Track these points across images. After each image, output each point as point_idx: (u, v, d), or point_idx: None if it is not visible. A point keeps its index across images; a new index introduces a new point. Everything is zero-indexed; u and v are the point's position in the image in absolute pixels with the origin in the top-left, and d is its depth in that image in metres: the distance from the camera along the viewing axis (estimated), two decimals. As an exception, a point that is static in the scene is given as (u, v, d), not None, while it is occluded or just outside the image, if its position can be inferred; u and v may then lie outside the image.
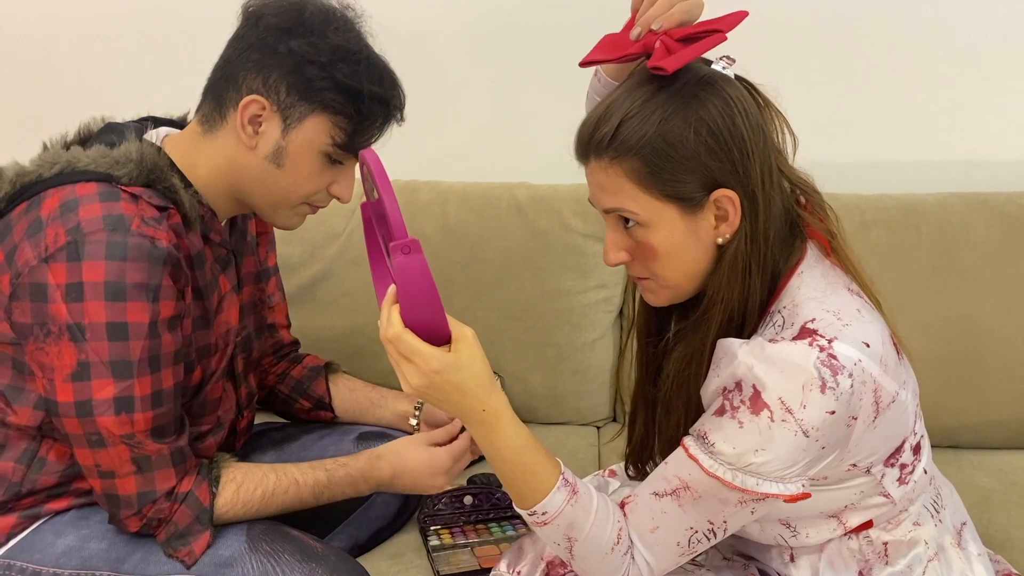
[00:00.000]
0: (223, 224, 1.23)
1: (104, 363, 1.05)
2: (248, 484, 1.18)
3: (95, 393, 1.06)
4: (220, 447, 1.29)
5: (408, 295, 0.91)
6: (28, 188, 1.11)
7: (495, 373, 1.00)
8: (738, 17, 0.99)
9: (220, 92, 1.15)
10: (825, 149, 1.07)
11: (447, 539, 1.39)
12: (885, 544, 1.06)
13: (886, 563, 1.06)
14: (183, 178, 1.15)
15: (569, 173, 1.54)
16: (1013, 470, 1.60)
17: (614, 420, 1.82)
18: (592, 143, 0.99)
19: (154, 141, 1.19)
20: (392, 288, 0.94)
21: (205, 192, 1.18)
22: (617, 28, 1.16)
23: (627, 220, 1.01)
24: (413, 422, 1.48)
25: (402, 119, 1.19)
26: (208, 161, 1.16)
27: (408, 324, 0.92)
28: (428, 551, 1.37)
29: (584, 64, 1.05)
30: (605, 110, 0.99)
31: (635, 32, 1.03)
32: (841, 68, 1.85)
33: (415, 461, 1.28)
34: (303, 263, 1.75)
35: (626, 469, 1.23)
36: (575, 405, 1.78)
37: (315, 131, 1.13)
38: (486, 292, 1.74)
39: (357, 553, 1.35)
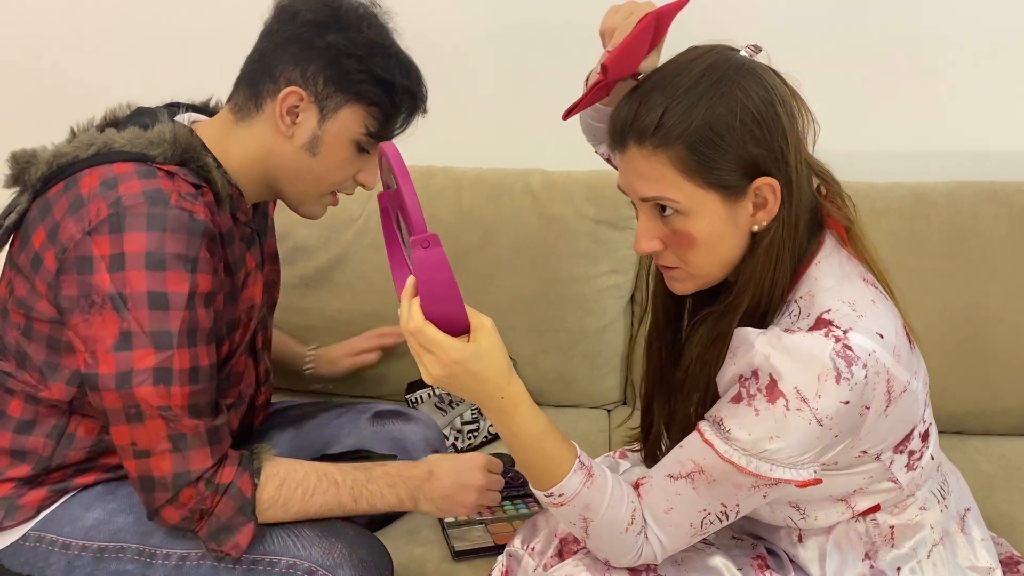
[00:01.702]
0: (248, 205, 1.26)
1: (145, 332, 1.08)
2: (291, 481, 1.17)
3: (136, 363, 1.08)
4: (241, 422, 1.31)
5: (428, 288, 0.92)
6: (64, 169, 1.14)
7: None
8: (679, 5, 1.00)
9: (256, 83, 1.19)
10: (836, 138, 1.08)
11: (462, 516, 1.41)
12: (892, 528, 1.08)
13: (892, 546, 1.08)
14: (214, 159, 1.18)
15: (582, 160, 1.56)
16: (1017, 456, 1.62)
17: (624, 403, 1.84)
18: (633, 130, 0.98)
19: (184, 124, 1.21)
20: (411, 280, 0.95)
21: (236, 178, 1.20)
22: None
23: (663, 208, 1.00)
24: (307, 349, 1.63)
25: (425, 111, 1.24)
26: (241, 148, 1.20)
27: (428, 316, 0.93)
28: (443, 527, 1.39)
29: (567, 116, 1.04)
30: (645, 97, 0.98)
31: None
32: (853, 58, 1.85)
33: (450, 462, 1.28)
34: (320, 247, 1.77)
35: (644, 460, 1.24)
36: (586, 389, 1.79)
37: (350, 121, 1.18)
38: (499, 277, 1.76)
39: (373, 529, 1.37)
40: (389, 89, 1.18)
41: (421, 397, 1.70)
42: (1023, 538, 1.39)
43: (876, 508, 1.07)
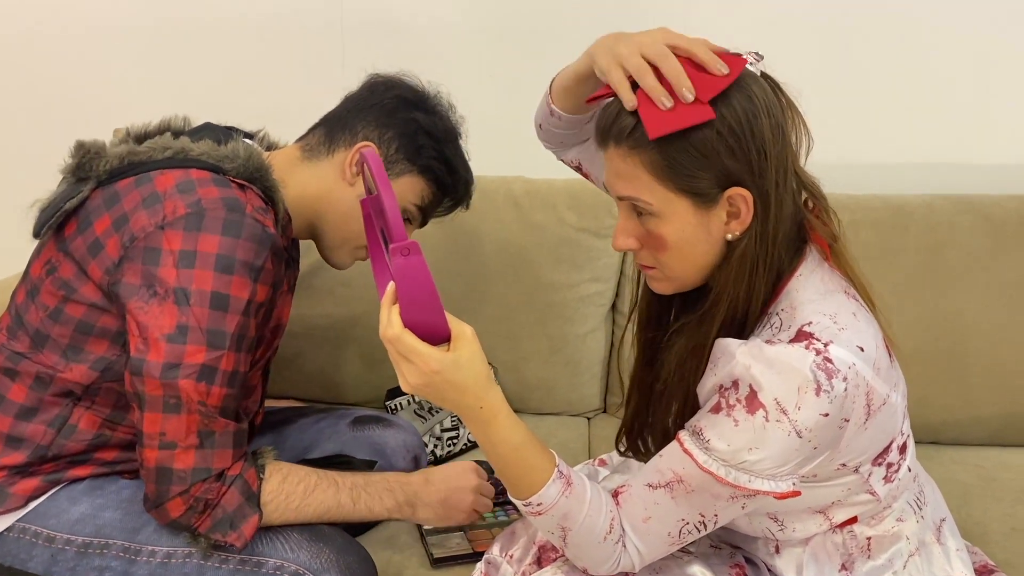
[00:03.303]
0: (292, 233, 1.31)
1: (202, 329, 1.10)
2: (293, 477, 1.19)
3: (186, 357, 1.10)
4: None
5: (408, 296, 0.91)
6: (136, 166, 1.18)
7: (488, 364, 1.01)
8: (737, 67, 0.97)
9: (333, 131, 1.30)
10: (816, 149, 1.09)
11: (457, 523, 1.40)
12: (868, 539, 1.08)
13: (868, 557, 1.08)
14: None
15: (565, 168, 1.56)
16: (991, 466, 1.64)
17: (604, 412, 1.85)
18: (613, 130, 0.99)
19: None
20: (391, 287, 0.94)
21: (287, 207, 1.26)
22: (613, 24, 1.17)
23: (640, 210, 1.01)
24: None
25: (468, 207, 1.40)
26: (301, 183, 1.28)
27: (407, 324, 0.93)
28: (422, 535, 1.39)
29: (591, 100, 1.03)
30: None
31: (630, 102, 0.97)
32: (832, 70, 1.87)
33: (445, 469, 1.32)
34: (302, 252, 1.75)
35: (616, 444, 1.24)
36: (567, 396, 1.80)
37: (407, 188, 1.31)
38: (481, 284, 1.76)
39: (352, 534, 1.36)
40: (452, 172, 1.32)
41: (400, 404, 1.70)
42: (997, 547, 1.41)
43: (853, 520, 1.08)
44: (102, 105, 1.98)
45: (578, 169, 1.35)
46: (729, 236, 1.01)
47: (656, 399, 1.12)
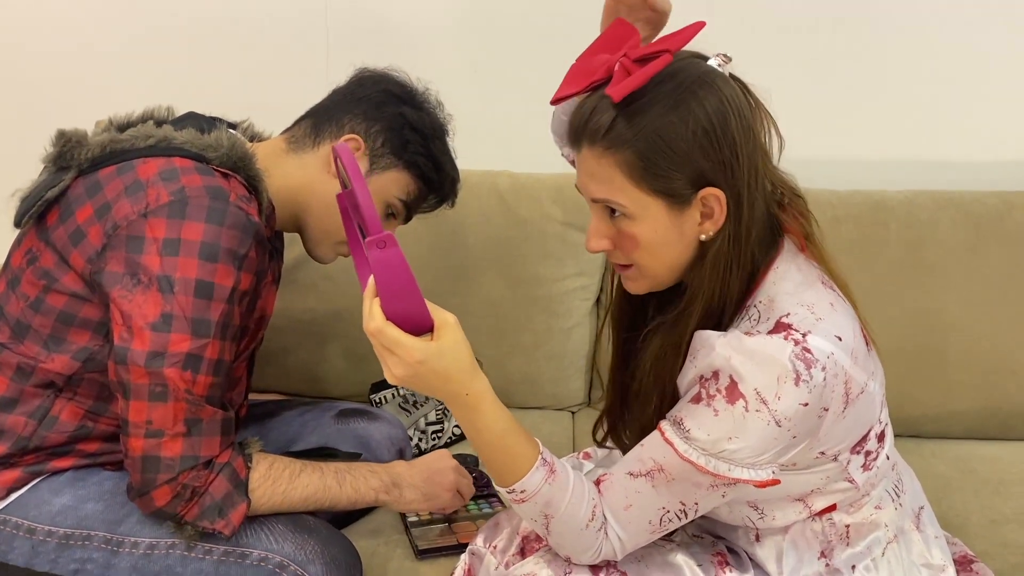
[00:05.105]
0: (276, 224, 1.31)
1: (186, 318, 1.10)
2: (279, 464, 1.19)
3: (171, 345, 1.10)
4: None
5: (387, 288, 0.91)
6: (118, 154, 1.18)
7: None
8: (692, 31, 0.98)
9: (320, 123, 1.30)
10: (798, 146, 1.10)
11: (425, 515, 1.41)
12: (847, 526, 1.09)
13: (847, 544, 1.09)
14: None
15: (550, 162, 1.57)
16: (971, 459, 1.65)
17: (589, 405, 1.85)
18: (587, 131, 0.99)
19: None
20: (372, 280, 0.94)
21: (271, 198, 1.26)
22: (597, 16, 1.18)
23: (613, 210, 1.02)
24: None
25: (452, 206, 1.41)
26: (284, 174, 1.27)
27: (389, 316, 0.93)
28: (407, 527, 1.39)
29: (556, 101, 1.04)
30: (600, 99, 0.98)
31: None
32: (814, 67, 1.88)
33: (423, 457, 1.34)
34: (286, 245, 1.76)
35: (593, 434, 1.25)
36: (551, 390, 1.80)
37: (392, 182, 1.31)
38: (466, 278, 1.76)
39: (337, 526, 1.36)
40: (438, 169, 1.32)
41: (385, 398, 1.70)
42: (976, 538, 1.42)
43: (832, 507, 1.09)
44: (85, 98, 1.98)
45: (573, 164, 1.35)
46: (703, 236, 1.01)
47: (633, 398, 1.13)
